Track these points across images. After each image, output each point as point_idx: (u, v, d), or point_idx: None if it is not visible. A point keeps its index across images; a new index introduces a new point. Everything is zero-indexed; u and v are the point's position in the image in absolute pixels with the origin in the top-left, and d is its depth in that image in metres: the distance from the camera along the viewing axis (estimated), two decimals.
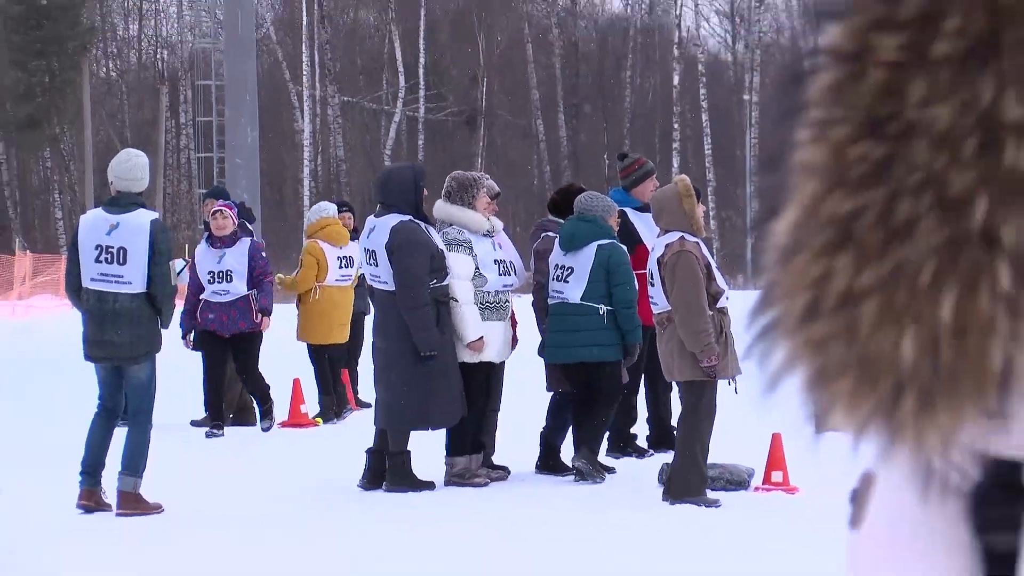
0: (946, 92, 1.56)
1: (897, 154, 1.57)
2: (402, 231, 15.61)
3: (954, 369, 1.55)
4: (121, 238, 14.51)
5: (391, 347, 15.75)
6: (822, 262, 1.61)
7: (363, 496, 15.44)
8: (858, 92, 1.61)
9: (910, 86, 1.57)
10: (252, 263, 19.79)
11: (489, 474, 16.05)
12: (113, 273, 14.51)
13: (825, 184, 1.62)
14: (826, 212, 1.61)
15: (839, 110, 1.62)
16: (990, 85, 1.54)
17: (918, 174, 1.56)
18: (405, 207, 15.98)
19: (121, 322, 14.49)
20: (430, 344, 15.41)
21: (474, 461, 15.96)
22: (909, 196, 1.56)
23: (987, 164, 1.54)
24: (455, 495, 15.32)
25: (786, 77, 1.70)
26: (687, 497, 14.34)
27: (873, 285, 1.57)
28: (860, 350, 1.58)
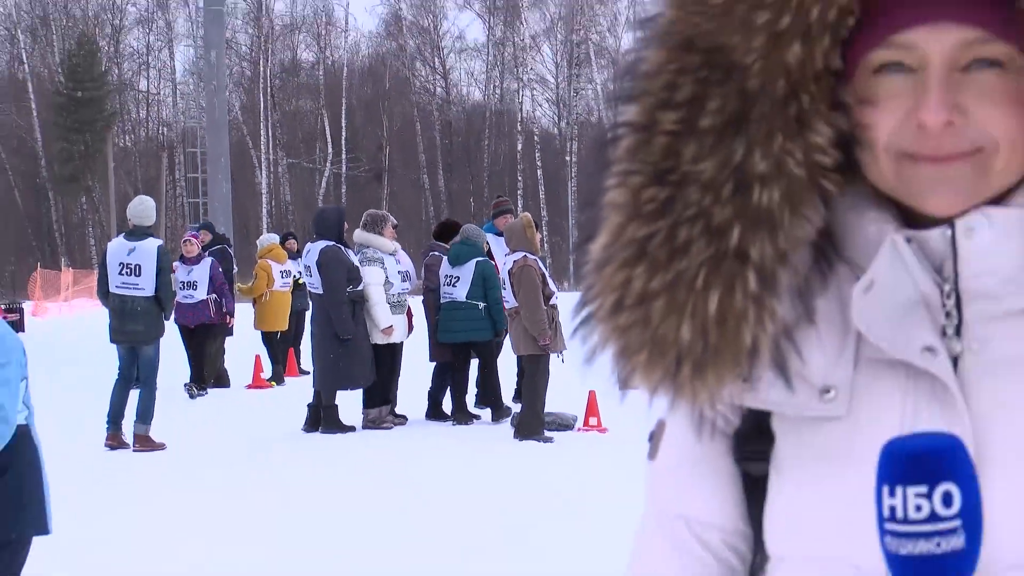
0: (710, 152, 1.46)
1: (676, 195, 1.47)
2: (328, 253, 15.58)
3: (718, 347, 1.47)
4: (137, 258, 14.60)
5: (322, 332, 15.68)
6: (625, 271, 1.50)
7: (305, 436, 15.51)
8: (648, 152, 1.49)
9: (684, 148, 1.47)
10: (212, 276, 19.37)
11: (393, 420, 16.10)
12: (131, 283, 14.62)
13: (626, 217, 1.50)
14: (627, 236, 1.49)
15: (635, 165, 1.50)
16: (741, 147, 1.44)
17: (692, 209, 1.47)
18: (331, 236, 15.89)
19: (137, 316, 14.60)
20: (347, 330, 15.42)
21: (383, 412, 15.98)
22: (685, 225, 1.47)
23: (740, 203, 1.45)
24: (369, 435, 15.32)
25: (599, 143, 1.57)
26: (530, 435, 14.42)
27: (661, 288, 1.48)
28: (652, 334, 1.49)
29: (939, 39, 1.39)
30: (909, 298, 1.46)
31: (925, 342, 1.44)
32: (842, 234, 1.50)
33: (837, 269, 1.50)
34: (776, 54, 1.42)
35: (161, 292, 14.76)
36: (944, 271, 1.45)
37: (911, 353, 1.44)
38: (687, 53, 1.46)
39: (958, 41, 1.39)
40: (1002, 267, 1.43)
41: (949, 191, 1.42)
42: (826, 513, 1.46)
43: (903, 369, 1.46)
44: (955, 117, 1.39)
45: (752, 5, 1.41)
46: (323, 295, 15.74)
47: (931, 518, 1.19)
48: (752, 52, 1.42)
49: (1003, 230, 1.42)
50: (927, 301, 1.46)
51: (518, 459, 13.43)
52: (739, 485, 1.59)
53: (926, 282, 1.45)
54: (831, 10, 1.40)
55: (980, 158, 1.40)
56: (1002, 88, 1.40)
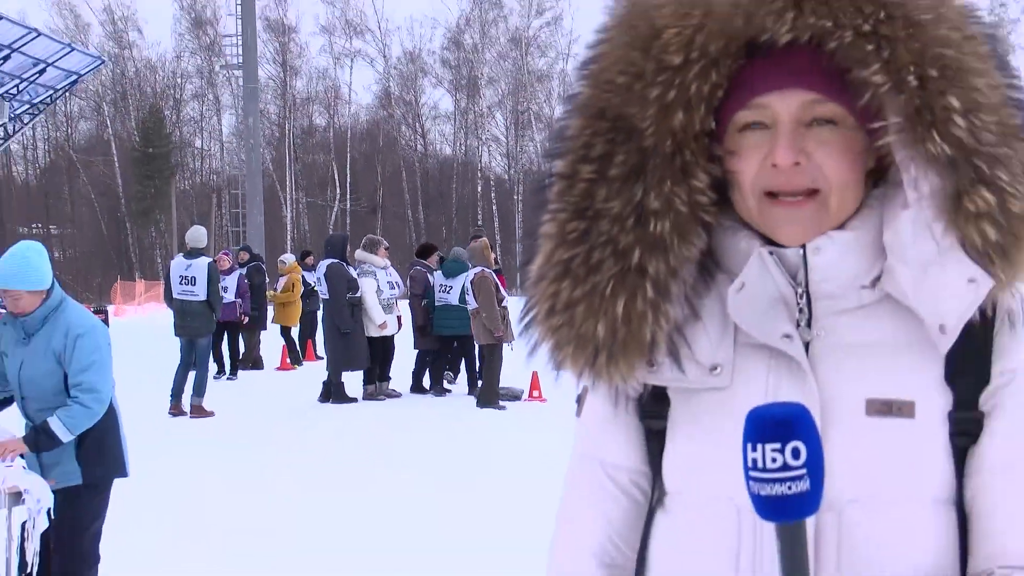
0: (617, 194, 1.43)
1: (592, 227, 1.45)
2: (333, 268, 15.60)
3: (625, 341, 1.45)
4: (193, 272, 14.56)
5: (330, 327, 15.56)
6: (554, 285, 1.47)
7: (319, 405, 15.39)
8: (571, 195, 1.46)
9: (598, 191, 1.44)
10: (239, 285, 18.73)
11: (388, 392, 16.09)
12: (189, 290, 14.56)
13: (554, 244, 1.47)
14: (555, 259, 1.47)
15: (561, 204, 1.47)
16: (640, 190, 1.42)
17: (603, 237, 1.44)
18: (336, 255, 15.89)
19: (193, 315, 14.54)
20: (346, 325, 15.31)
21: (379, 387, 15.99)
22: (598, 249, 1.44)
23: (639, 232, 1.43)
24: (369, 405, 15.32)
25: (536, 188, 1.55)
26: (488, 404, 14.48)
27: (581, 297, 1.45)
28: (576, 332, 1.46)
29: (787, 101, 1.40)
30: (772, 297, 1.45)
31: (784, 331, 1.45)
32: (721, 251, 1.49)
33: (717, 278, 1.49)
34: (665, 121, 1.42)
35: (211, 297, 14.67)
36: (798, 278, 1.45)
37: (774, 339, 1.45)
38: (599, 120, 1.45)
39: (801, 102, 1.40)
40: (841, 275, 1.44)
41: (797, 227, 1.43)
42: (711, 461, 1.46)
43: (768, 351, 1.46)
44: (801, 159, 1.39)
45: (646, 84, 1.42)
46: (329, 299, 15.65)
47: (783, 468, 1.19)
48: (647, 119, 1.42)
49: (842, 249, 1.43)
50: (785, 300, 1.46)
51: (480, 421, 13.59)
52: (642, 437, 1.57)
53: (784, 286, 1.45)
54: (706, 86, 1.40)
55: (820, 199, 1.41)
56: (836, 140, 1.41)
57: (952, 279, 1.39)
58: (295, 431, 13.08)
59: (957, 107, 1.36)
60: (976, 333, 1.42)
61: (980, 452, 1.42)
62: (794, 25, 1.36)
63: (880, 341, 1.44)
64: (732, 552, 1.45)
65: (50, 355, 5.11)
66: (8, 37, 35.63)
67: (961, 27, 1.39)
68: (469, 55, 74.22)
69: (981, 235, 1.37)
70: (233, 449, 11.82)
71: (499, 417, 13.90)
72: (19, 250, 5.21)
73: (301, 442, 12.27)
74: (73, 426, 5.01)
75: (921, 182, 1.39)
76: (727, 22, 1.38)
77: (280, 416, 14.43)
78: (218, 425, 13.74)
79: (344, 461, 10.95)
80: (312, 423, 13.76)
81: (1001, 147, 1.37)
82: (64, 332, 5.10)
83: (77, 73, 42.45)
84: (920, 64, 1.35)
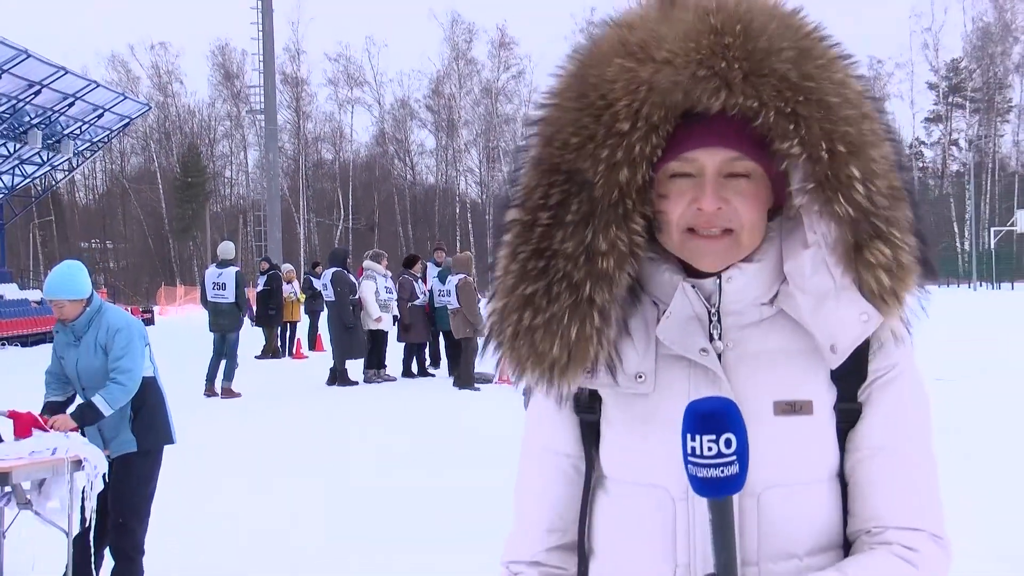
0: (570, 236, 1.41)
1: (549, 264, 1.42)
2: (336, 275, 15.59)
3: (574, 358, 1.42)
4: (223, 278, 14.49)
5: (334, 323, 15.48)
6: (518, 313, 1.43)
7: (326, 387, 15.28)
8: (531, 237, 1.43)
9: (555, 234, 1.42)
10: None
11: (385, 377, 15.91)
12: (220, 294, 14.45)
13: (518, 279, 1.44)
14: (519, 292, 1.43)
15: (523, 245, 1.44)
16: (590, 233, 1.40)
17: (559, 273, 1.41)
18: (339, 265, 15.89)
19: (224, 314, 14.42)
20: (349, 321, 15.26)
21: (379, 373, 15.86)
22: (556, 283, 1.41)
23: (589, 268, 1.40)
24: (368, 387, 15.23)
25: (497, 230, 1.51)
26: (465, 386, 14.41)
27: (541, 323, 1.42)
28: (535, 351, 1.43)
29: (712, 156, 1.39)
30: (690, 317, 1.44)
31: (701, 345, 1.43)
32: (646, 279, 1.47)
33: (643, 299, 1.48)
34: (613, 176, 1.40)
35: (238, 299, 14.56)
36: (712, 300, 1.45)
37: (692, 352, 1.44)
38: (555, 174, 1.43)
39: (723, 158, 1.39)
40: (746, 298, 1.44)
41: (715, 258, 1.42)
42: (640, 452, 1.45)
43: (687, 362, 1.44)
44: (722, 204, 1.39)
45: (597, 145, 1.40)
46: (335, 300, 15.56)
47: (718, 455, 1.19)
48: (597, 174, 1.40)
49: (749, 277, 1.43)
50: (700, 319, 1.45)
51: (458, 400, 13.47)
52: (579, 428, 1.54)
53: (700, 308, 1.45)
54: (647, 148, 1.39)
55: (733, 236, 1.41)
56: (749, 190, 1.41)
57: (847, 312, 1.40)
58: (306, 407, 12.97)
59: (858, 176, 1.36)
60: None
61: (858, 434, 1.43)
62: (725, 102, 1.36)
63: (778, 349, 1.44)
64: (668, 529, 1.44)
65: (99, 349, 5.15)
66: (72, 87, 35.64)
67: (860, 106, 1.39)
68: (448, 102, 74.49)
69: (877, 282, 1.38)
70: (257, 421, 11.78)
71: (474, 396, 13.83)
72: (62, 267, 5.28)
73: (311, 416, 12.18)
74: (112, 401, 5.04)
75: (824, 232, 1.39)
76: (668, 96, 1.37)
77: (294, 395, 14.36)
78: (244, 403, 13.69)
79: (347, 430, 10.91)
80: (321, 401, 13.67)
81: (892, 209, 1.38)
82: (106, 329, 5.15)
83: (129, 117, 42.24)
84: (830, 140, 1.36)
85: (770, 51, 1.36)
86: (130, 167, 76.59)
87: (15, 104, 34.12)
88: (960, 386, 12.52)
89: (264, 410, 12.86)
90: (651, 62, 1.37)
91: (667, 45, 1.37)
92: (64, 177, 48.09)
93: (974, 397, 11.79)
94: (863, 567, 1.37)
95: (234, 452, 9.69)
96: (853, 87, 1.40)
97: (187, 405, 13.06)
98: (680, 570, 1.42)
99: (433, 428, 10.92)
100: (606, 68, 1.40)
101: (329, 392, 14.90)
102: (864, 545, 1.41)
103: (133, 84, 72.03)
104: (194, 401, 13.54)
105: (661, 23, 1.39)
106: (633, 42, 1.39)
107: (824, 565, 1.39)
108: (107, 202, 76.03)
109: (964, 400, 11.26)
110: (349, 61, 75.20)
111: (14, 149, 37.68)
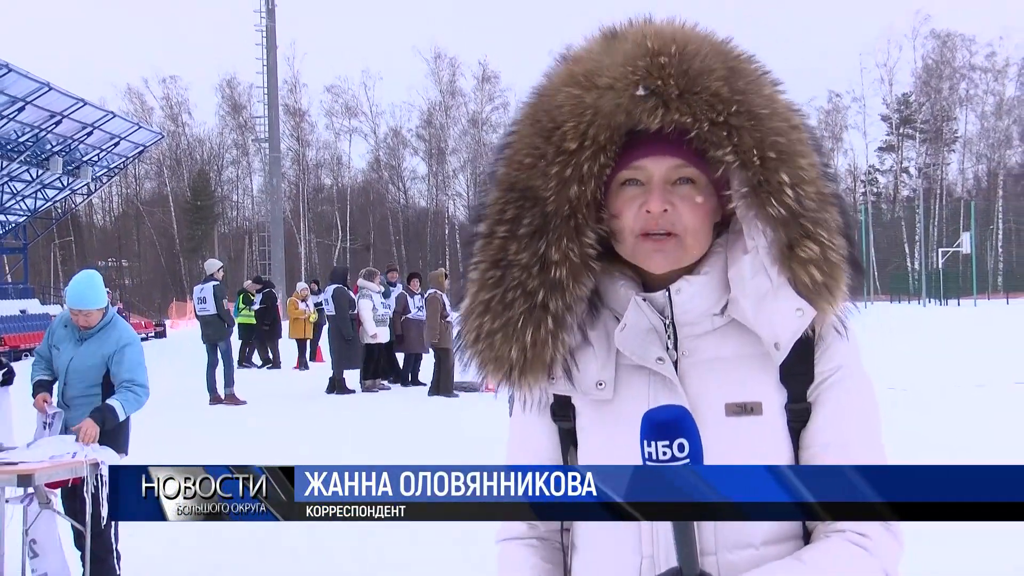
0: (525, 248, 1.41)
1: (506, 274, 1.42)
2: (337, 291, 15.58)
3: (532, 361, 1.42)
4: (204, 292, 14.49)
5: (335, 335, 15.49)
6: (479, 319, 1.44)
7: (326, 396, 15.24)
8: (489, 249, 1.44)
9: (511, 246, 1.42)
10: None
11: (380, 386, 15.86)
12: (203, 306, 14.55)
13: (478, 287, 1.44)
14: (479, 299, 1.44)
15: (483, 257, 1.45)
16: (544, 245, 1.40)
17: (515, 282, 1.42)
18: (339, 282, 15.87)
19: (209, 324, 14.47)
20: (347, 334, 15.28)
21: (375, 383, 15.80)
22: (511, 291, 1.42)
23: (543, 277, 1.41)
24: (365, 396, 15.14)
25: (465, 244, 1.52)
26: (443, 394, 14.39)
27: (499, 328, 1.42)
28: (495, 354, 1.43)
29: (658, 164, 1.42)
30: (646, 329, 1.45)
31: (657, 355, 1.44)
32: (604, 292, 1.48)
33: (603, 312, 1.48)
34: (563, 192, 1.41)
35: (219, 311, 14.52)
36: (665, 312, 1.45)
37: (649, 361, 1.44)
38: (511, 192, 1.44)
39: (670, 165, 1.42)
40: (697, 308, 1.45)
41: (663, 259, 1.43)
42: (609, 457, 1.44)
43: (646, 371, 1.45)
44: (668, 207, 1.41)
45: (548, 163, 1.41)
46: (335, 314, 15.56)
47: (672, 459, 1.19)
48: (549, 190, 1.41)
49: (697, 288, 1.45)
50: (656, 330, 1.45)
51: (439, 406, 13.52)
52: (556, 434, 1.54)
53: (655, 319, 1.45)
54: (595, 166, 1.40)
55: (678, 240, 1.43)
56: (693, 196, 1.42)
57: (783, 308, 1.41)
58: (307, 414, 12.99)
59: (788, 181, 1.38)
60: (802, 344, 1.43)
61: (808, 433, 1.44)
62: (663, 119, 1.37)
63: (730, 355, 1.44)
64: (634, 524, 1.43)
65: (99, 356, 5.13)
66: (91, 118, 35.65)
67: (789, 119, 1.41)
68: (438, 132, 74.42)
69: (810, 277, 1.39)
70: (259, 425, 11.82)
71: (454, 403, 13.77)
72: (84, 277, 5.23)
73: (310, 420, 12.23)
74: (128, 408, 5.08)
75: (759, 235, 1.41)
76: (612, 117, 1.38)
77: (295, 403, 14.35)
78: (247, 410, 13.62)
79: (343, 433, 10.98)
80: (320, 407, 13.65)
81: (820, 211, 1.40)
82: (115, 341, 5.14)
83: (143, 145, 42.19)
84: (761, 148, 1.37)
85: (703, 71, 1.37)
86: (144, 191, 76.15)
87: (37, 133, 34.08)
88: (910, 394, 12.56)
89: (267, 415, 12.81)
90: (595, 89, 1.39)
91: (608, 72, 1.39)
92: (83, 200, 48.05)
93: (923, 404, 11.81)
94: (819, 553, 1.37)
95: (235, 453, 9.63)
96: (781, 101, 1.42)
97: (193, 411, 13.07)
98: (646, 561, 1.43)
99: (424, 431, 10.91)
100: (556, 96, 1.42)
101: (327, 399, 14.86)
102: (820, 534, 1.41)
103: (147, 114, 71.66)
104: (199, 408, 13.48)
105: (604, 54, 1.41)
106: (579, 72, 1.41)
107: (783, 554, 1.39)
108: (123, 223, 75.59)
109: (914, 407, 11.29)
110: (346, 93, 75.08)
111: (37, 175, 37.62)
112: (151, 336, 36.26)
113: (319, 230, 74.25)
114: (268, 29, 54.07)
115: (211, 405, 14.10)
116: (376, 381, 15.86)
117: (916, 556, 5.40)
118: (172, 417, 11.75)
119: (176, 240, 72.02)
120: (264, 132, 58.14)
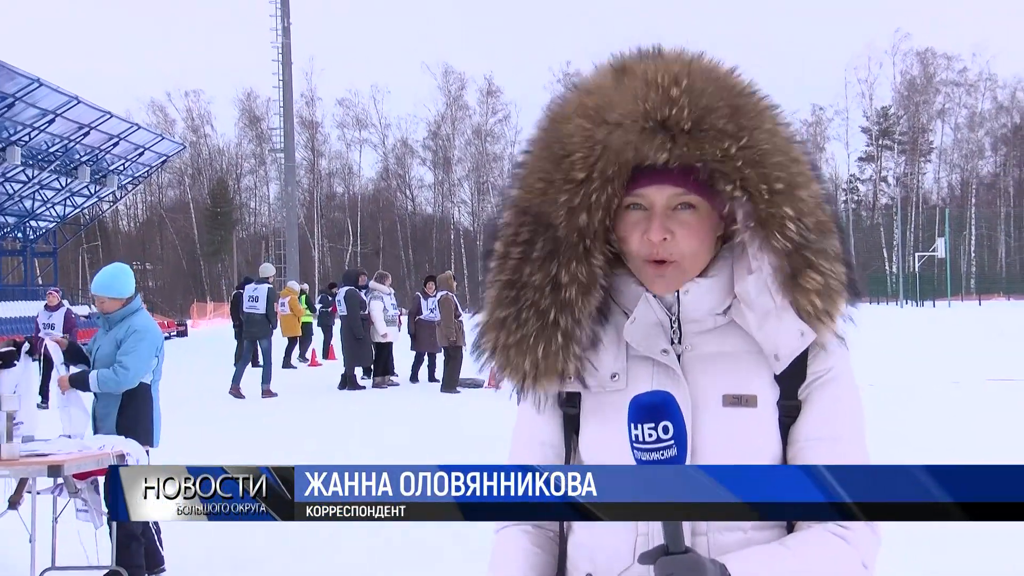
0: (538, 270, 1.42)
1: (520, 294, 1.43)
2: (350, 292, 15.60)
3: (544, 370, 1.43)
4: (258, 292, 14.80)
5: (347, 334, 15.46)
6: (494, 334, 1.45)
7: (338, 391, 15.19)
8: (505, 269, 1.45)
9: (525, 268, 1.43)
10: (66, 320, 13.13)
11: (391, 382, 15.82)
12: (254, 305, 14.71)
13: (494, 304, 1.45)
14: (495, 316, 1.45)
15: (499, 276, 1.46)
16: (555, 267, 1.41)
17: (528, 301, 1.43)
18: (351, 284, 15.94)
19: (255, 323, 14.62)
20: (358, 333, 15.27)
21: (385, 379, 15.77)
22: (525, 311, 1.43)
23: (554, 297, 1.42)
24: (375, 392, 15.05)
25: (484, 256, 1.51)
26: (448, 390, 14.39)
27: (514, 343, 1.43)
28: (511, 364, 1.44)
29: (660, 192, 1.41)
30: (653, 324, 1.46)
31: (663, 347, 1.46)
32: (617, 292, 1.49)
33: (614, 309, 1.49)
34: (572, 219, 1.42)
35: (268, 312, 14.79)
36: (672, 309, 1.47)
37: (655, 353, 1.46)
38: (524, 215, 1.45)
39: (670, 194, 1.41)
40: (702, 308, 1.47)
41: (664, 283, 1.45)
42: (614, 441, 1.43)
43: (652, 361, 1.46)
44: (668, 236, 1.42)
45: (558, 191, 1.42)
46: (347, 315, 15.57)
47: (657, 440, 1.19)
48: (559, 217, 1.42)
49: (703, 291, 1.46)
50: (663, 325, 1.47)
51: (445, 401, 13.50)
52: (561, 420, 1.54)
53: (662, 315, 1.47)
54: (603, 197, 1.41)
55: (679, 265, 1.44)
56: (693, 221, 1.43)
57: (786, 329, 1.43)
58: (321, 407, 13.00)
59: (790, 215, 1.39)
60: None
61: (797, 428, 1.45)
62: (671, 154, 1.37)
63: (730, 351, 1.46)
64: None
65: (114, 344, 5.20)
66: (117, 129, 35.72)
67: (788, 152, 1.41)
68: (444, 142, 74.43)
69: (812, 305, 1.41)
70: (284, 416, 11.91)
71: (459, 399, 13.75)
72: (110, 267, 5.39)
73: (325, 413, 12.24)
74: (101, 382, 5.12)
75: (763, 261, 1.42)
76: (621, 154, 1.39)
77: (311, 397, 14.35)
78: (261, 405, 13.64)
79: (351, 427, 10.93)
80: (333, 402, 13.68)
81: (820, 241, 1.41)
82: (127, 328, 5.20)
83: (166, 155, 42.20)
84: (767, 183, 1.38)
85: (709, 109, 1.37)
86: (167, 198, 76.28)
87: (67, 144, 34.13)
88: (889, 390, 12.56)
89: (289, 406, 12.90)
90: (605, 124, 1.39)
91: (618, 109, 1.39)
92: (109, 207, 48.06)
93: (901, 400, 11.79)
94: (802, 541, 1.38)
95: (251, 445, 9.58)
96: (781, 135, 1.42)
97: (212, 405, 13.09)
98: (641, 538, 1.43)
99: (430, 426, 10.87)
100: (567, 125, 1.42)
101: (339, 395, 14.86)
102: (803, 523, 1.42)
103: (170, 126, 71.83)
104: (220, 399, 13.58)
105: (614, 90, 1.41)
106: (590, 105, 1.41)
107: (770, 539, 1.40)
108: (146, 229, 75.70)
109: (893, 403, 11.26)
110: (357, 106, 75.20)
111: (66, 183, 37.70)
112: (173, 335, 35.95)
113: (331, 235, 74.30)
114: (284, 47, 54.10)
115: (231, 395, 14.21)
116: (386, 378, 15.86)
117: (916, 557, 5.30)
118: (190, 411, 11.77)
119: (197, 245, 72.08)
120: (280, 143, 58.20)
